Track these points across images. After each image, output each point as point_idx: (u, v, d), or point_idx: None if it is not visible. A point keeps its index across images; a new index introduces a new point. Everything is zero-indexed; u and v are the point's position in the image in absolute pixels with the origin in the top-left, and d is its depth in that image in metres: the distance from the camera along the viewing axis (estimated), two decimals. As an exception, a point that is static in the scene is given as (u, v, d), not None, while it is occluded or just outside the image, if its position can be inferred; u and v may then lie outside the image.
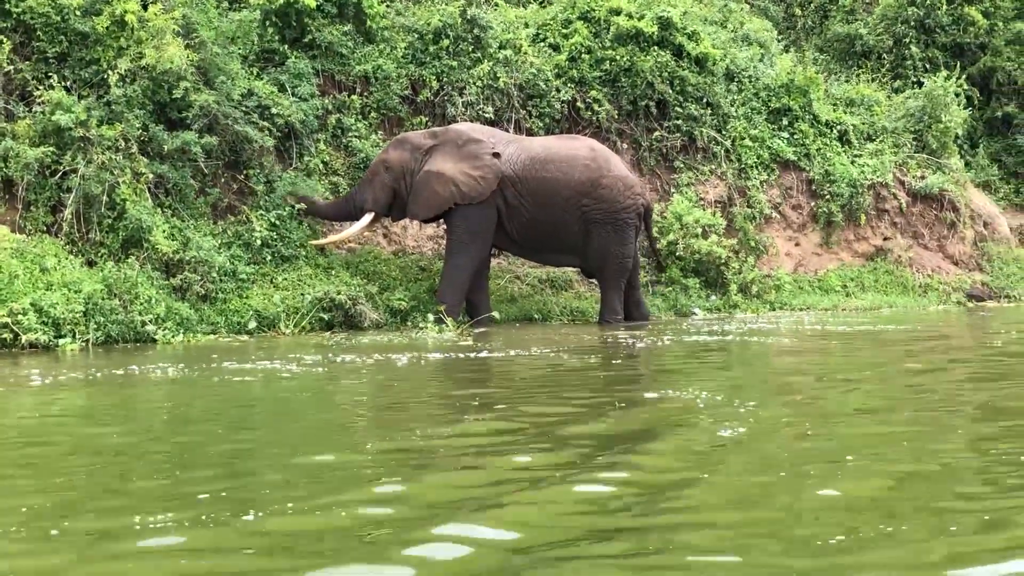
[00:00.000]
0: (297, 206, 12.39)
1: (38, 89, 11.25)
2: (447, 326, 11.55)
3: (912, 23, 20.28)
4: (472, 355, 8.65)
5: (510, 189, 12.24)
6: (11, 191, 10.95)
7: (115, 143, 11.08)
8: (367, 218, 12.39)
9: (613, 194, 12.41)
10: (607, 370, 7.89)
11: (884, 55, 20.30)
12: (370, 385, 6.97)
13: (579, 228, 12.42)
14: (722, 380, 6.96)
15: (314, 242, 12.62)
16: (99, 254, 10.95)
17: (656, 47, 15.96)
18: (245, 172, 12.45)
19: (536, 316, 13.27)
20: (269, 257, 12.12)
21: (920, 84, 18.98)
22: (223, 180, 12.40)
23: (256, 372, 7.52)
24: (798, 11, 22.11)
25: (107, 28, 11.50)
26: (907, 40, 20.22)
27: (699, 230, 14.58)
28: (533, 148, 12.57)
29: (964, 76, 18.67)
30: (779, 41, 19.37)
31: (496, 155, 12.18)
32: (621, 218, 12.46)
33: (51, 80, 11.20)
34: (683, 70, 16.08)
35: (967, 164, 19.45)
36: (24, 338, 9.56)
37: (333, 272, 12.47)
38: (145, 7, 11.78)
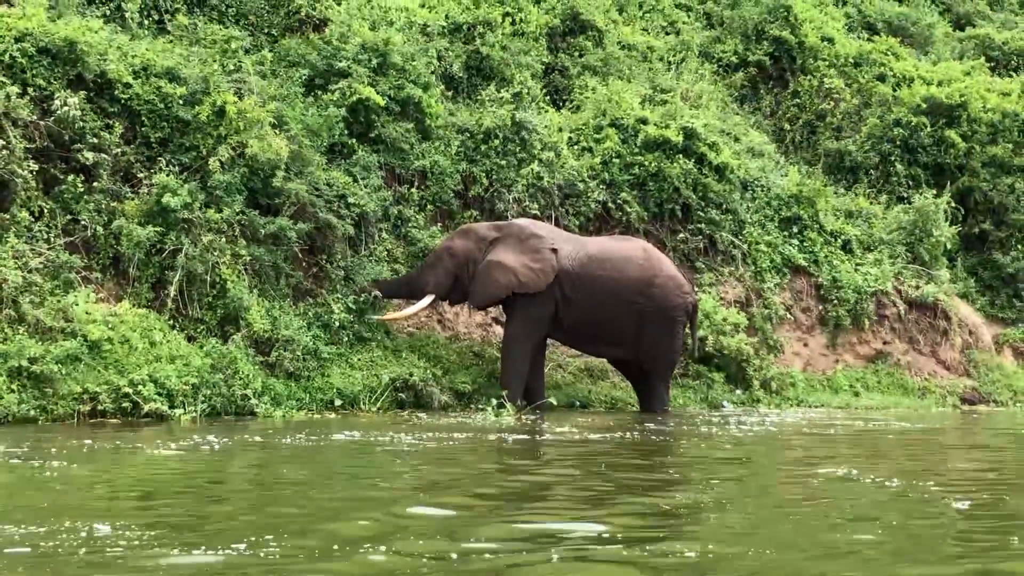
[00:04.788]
0: (374, 292, 13.06)
1: (142, 172, 11.89)
2: (507, 411, 12.26)
3: (897, 142, 21.73)
4: (613, 435, 9.39)
5: (568, 284, 13.06)
6: (117, 267, 11.51)
7: (218, 225, 11.73)
8: (427, 299, 13.08)
9: (665, 293, 13.33)
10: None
11: (871, 171, 21.71)
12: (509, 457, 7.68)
13: (632, 324, 13.27)
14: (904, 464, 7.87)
15: (375, 316, 13.25)
16: (198, 330, 11.52)
17: (681, 155, 17.08)
18: (322, 257, 13.12)
19: (577, 403, 14.06)
20: (346, 338, 12.75)
21: (906, 200, 20.36)
22: (303, 264, 13.06)
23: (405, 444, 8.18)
24: (787, 126, 23.52)
25: (208, 117, 12.22)
26: (892, 158, 21.64)
27: (727, 328, 15.55)
28: (590, 247, 13.46)
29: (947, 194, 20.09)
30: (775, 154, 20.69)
31: (554, 250, 13.05)
32: (671, 315, 13.37)
33: (159, 163, 11.85)
34: (705, 177, 17.19)
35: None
36: (145, 408, 10.10)
37: (402, 355, 13.13)
38: (240, 97, 12.52)
